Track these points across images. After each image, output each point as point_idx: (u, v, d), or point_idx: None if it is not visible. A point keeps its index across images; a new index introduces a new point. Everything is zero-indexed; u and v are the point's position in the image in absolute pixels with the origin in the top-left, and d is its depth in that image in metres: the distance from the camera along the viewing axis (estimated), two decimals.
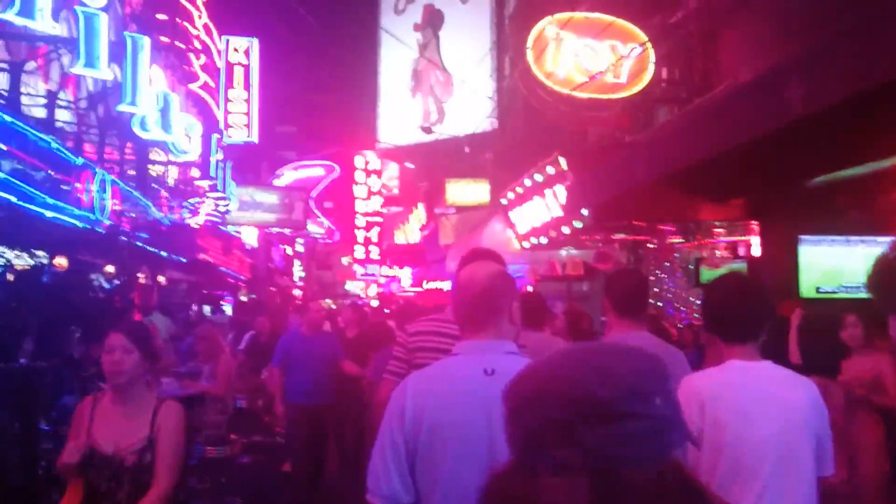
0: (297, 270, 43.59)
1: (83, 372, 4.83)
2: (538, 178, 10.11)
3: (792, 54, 4.75)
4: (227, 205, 18.92)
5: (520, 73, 11.26)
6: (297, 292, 43.92)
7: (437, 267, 21.24)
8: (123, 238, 6.20)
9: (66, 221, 8.31)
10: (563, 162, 9.06)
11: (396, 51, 27.30)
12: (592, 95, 10.83)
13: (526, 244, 12.03)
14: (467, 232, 17.43)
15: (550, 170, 9.43)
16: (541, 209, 10.31)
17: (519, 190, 11.17)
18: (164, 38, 16.02)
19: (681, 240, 11.00)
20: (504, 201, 12.23)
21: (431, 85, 25.79)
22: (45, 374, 4.65)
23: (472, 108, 21.97)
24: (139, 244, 7.20)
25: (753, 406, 2.42)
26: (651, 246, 12.12)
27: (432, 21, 27.03)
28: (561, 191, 9.42)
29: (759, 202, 9.07)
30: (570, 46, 10.78)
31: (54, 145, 9.32)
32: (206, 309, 26.75)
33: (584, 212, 8.80)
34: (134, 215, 12.30)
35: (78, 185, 9.99)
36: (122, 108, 11.38)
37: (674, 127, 8.01)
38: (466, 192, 20.86)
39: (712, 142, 6.70)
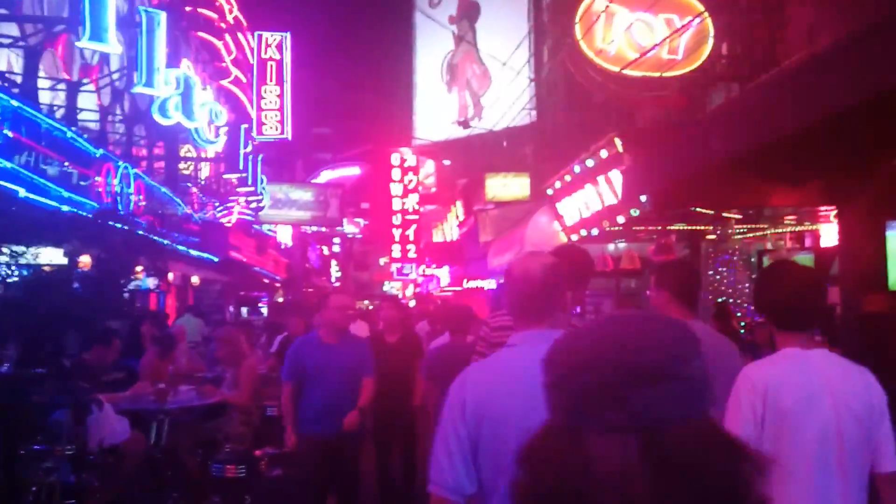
0: (334, 271, 43.18)
1: (75, 383, 4.16)
2: (590, 163, 9.29)
3: None
4: (258, 201, 18.28)
5: (566, 51, 10.45)
6: None
7: (477, 265, 20.57)
8: (119, 224, 5.49)
9: (45, 204, 7.56)
10: (618, 143, 8.23)
11: (432, 45, 27.05)
12: (646, 73, 10.00)
13: (574, 237, 11.20)
14: (509, 227, 16.65)
15: (604, 153, 8.61)
16: (592, 197, 9.50)
17: (567, 178, 10.35)
18: (198, 33, 15.42)
19: (745, 229, 10.09)
20: (550, 191, 11.41)
21: (468, 78, 25.35)
22: (31, 386, 3.99)
23: (510, 101, 21.34)
24: (140, 232, 6.45)
25: (814, 394, 2.42)
26: (711, 237, 11.22)
27: (468, 13, 26.68)
28: (616, 176, 8.60)
29: (839, 185, 8.15)
30: (621, 21, 9.96)
31: (69, 134, 8.73)
32: (244, 310, 26.33)
33: (643, 198, 7.96)
34: (161, 212, 11.73)
35: (98, 178, 9.41)
36: (138, 89, 10.75)
37: (749, 100, 7.16)
38: (507, 186, 20.16)
39: (797, 114, 5.86)
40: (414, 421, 7.03)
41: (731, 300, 12.21)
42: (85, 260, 8.67)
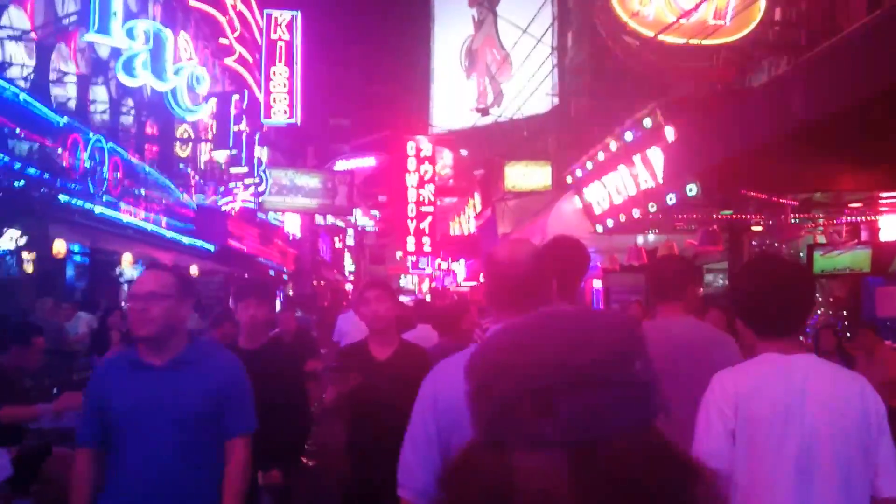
0: (348, 264, 42.16)
1: None
2: (626, 138, 8.08)
3: None
4: (256, 185, 17.03)
5: (597, 13, 9.24)
6: (348, 287, 42.69)
7: None
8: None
9: None
10: (660, 115, 7.03)
11: (450, 30, 26.65)
12: (689, 41, 8.80)
13: (603, 226, 10.01)
14: (529, 218, 15.50)
15: (644, 125, 7.40)
16: (627, 180, 8.31)
17: (599, 158, 9.15)
18: (194, 3, 14.30)
19: (798, 219, 8.84)
20: (580, 172, 10.21)
21: (487, 64, 24.79)
22: None
23: (531, 88, 20.58)
24: (62, 197, 5.26)
25: (793, 404, 2.16)
26: (756, 228, 9.97)
27: None
28: (656, 155, 7.40)
29: None
30: None
31: (23, 97, 7.62)
32: None
33: (692, 187, 6.77)
34: (144, 192, 10.63)
35: (61, 150, 8.29)
36: (89, 37, 9.54)
37: (822, 60, 5.97)
38: (527, 175, 19.31)
39: (876, 78, 4.74)
40: None
41: None
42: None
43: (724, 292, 13.70)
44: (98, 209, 8.88)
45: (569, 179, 9.91)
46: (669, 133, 7.01)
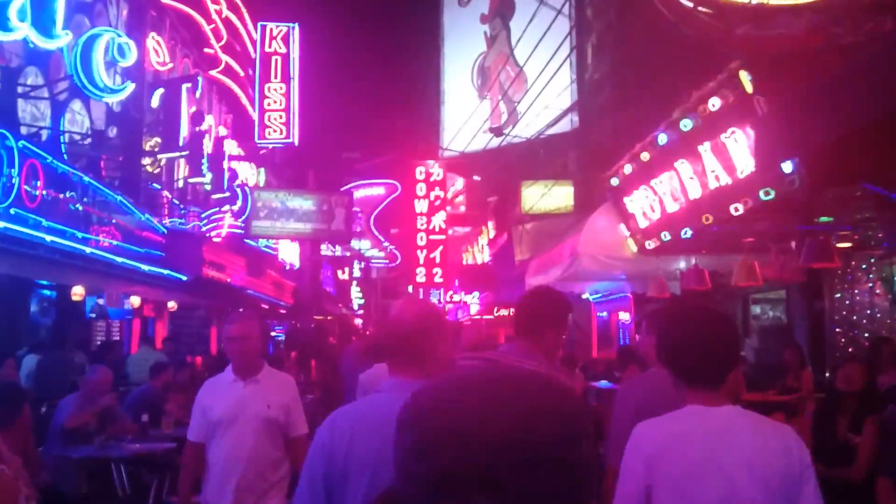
0: (357, 297, 40.17)
1: None
2: (683, 127, 6.05)
3: None
4: (228, 199, 14.87)
5: None
6: (358, 321, 40.75)
7: (510, 288, 17.83)
8: None
9: None
10: (746, 80, 5.00)
11: (461, 47, 25.49)
12: (763, 0, 6.84)
13: (650, 244, 7.97)
14: (552, 241, 13.49)
15: (716, 102, 5.37)
16: (688, 181, 6.26)
17: (643, 157, 7.12)
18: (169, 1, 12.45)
19: None
20: (615, 182, 8.18)
21: (501, 82, 23.50)
22: None
23: (548, 106, 19.11)
24: None
25: (711, 458, 2.13)
26: (843, 245, 7.89)
27: (501, 10, 25.17)
28: (734, 141, 5.36)
29: None
30: None
31: None
32: None
33: (787, 166, 4.75)
34: (80, 208, 8.67)
35: None
36: None
37: None
38: (546, 196, 17.61)
39: None
40: None
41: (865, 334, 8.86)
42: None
43: (780, 327, 11.57)
44: (1, 224, 6.94)
45: (614, 181, 7.85)
46: (761, 105, 4.98)
